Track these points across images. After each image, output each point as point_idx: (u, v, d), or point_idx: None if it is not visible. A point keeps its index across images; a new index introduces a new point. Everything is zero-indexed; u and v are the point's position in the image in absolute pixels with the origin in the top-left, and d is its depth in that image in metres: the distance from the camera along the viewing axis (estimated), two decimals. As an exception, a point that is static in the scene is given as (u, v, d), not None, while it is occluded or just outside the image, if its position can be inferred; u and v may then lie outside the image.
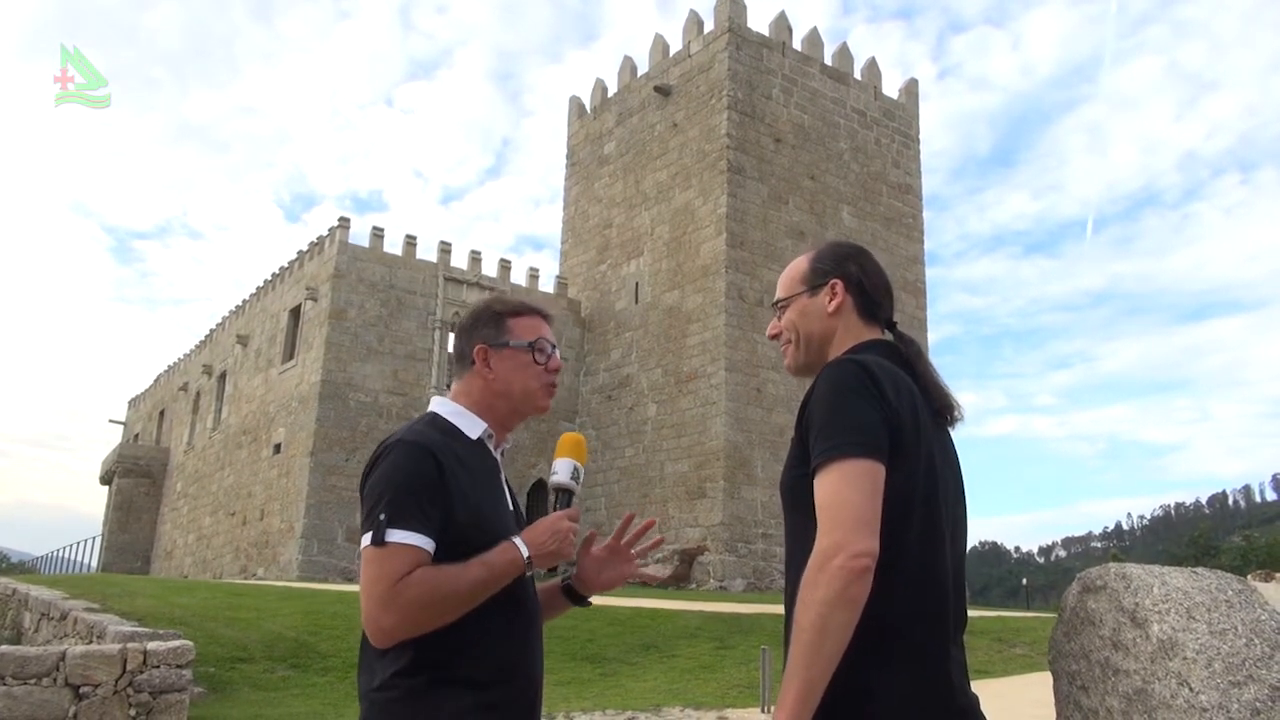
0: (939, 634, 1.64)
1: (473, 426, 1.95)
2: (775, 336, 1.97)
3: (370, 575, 1.71)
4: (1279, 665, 1.59)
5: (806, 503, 1.64)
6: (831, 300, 1.88)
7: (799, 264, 1.96)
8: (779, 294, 1.97)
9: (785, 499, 1.77)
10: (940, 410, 1.82)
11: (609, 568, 2.13)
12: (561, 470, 2.00)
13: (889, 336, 1.91)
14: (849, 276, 1.89)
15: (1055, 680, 1.96)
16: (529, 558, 1.84)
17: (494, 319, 2.01)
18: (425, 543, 1.74)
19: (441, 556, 1.76)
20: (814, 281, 1.91)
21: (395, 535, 1.71)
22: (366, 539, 1.74)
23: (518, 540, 1.85)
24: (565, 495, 1.99)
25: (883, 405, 1.64)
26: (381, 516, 1.72)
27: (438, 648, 1.75)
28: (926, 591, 1.64)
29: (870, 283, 1.91)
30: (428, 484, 1.77)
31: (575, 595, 2.13)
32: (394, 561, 1.70)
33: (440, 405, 1.99)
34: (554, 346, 2.05)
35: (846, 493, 1.56)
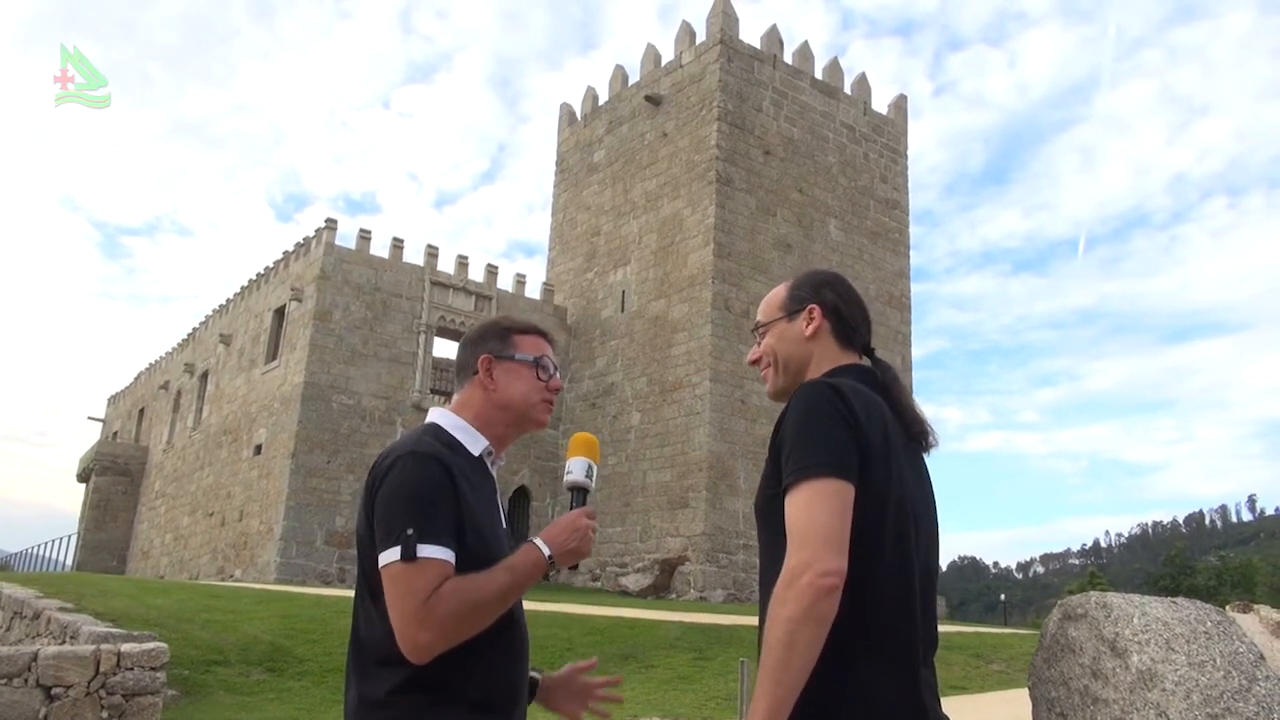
0: (908, 655, 1.65)
1: (475, 442, 1.94)
2: (755, 362, 2.02)
3: (402, 592, 1.69)
4: (1256, 698, 1.60)
5: (778, 522, 1.66)
6: (809, 325, 1.92)
7: (778, 291, 2.02)
8: (758, 319, 2.02)
9: (759, 518, 1.80)
10: (914, 435, 1.85)
11: (570, 695, 2.12)
12: (576, 469, 2.02)
13: (866, 362, 1.94)
14: (826, 303, 1.94)
15: (1034, 706, 1.97)
16: (550, 557, 1.84)
17: (501, 333, 2.04)
18: (451, 555, 1.73)
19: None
20: (792, 307, 1.96)
21: (425, 550, 1.70)
22: (394, 554, 1.70)
23: (538, 540, 1.86)
24: (581, 494, 2.01)
25: (853, 427, 1.67)
26: (409, 531, 1.70)
27: (437, 665, 1.73)
28: (896, 612, 1.66)
29: (847, 309, 1.95)
30: (445, 496, 1.77)
31: (530, 690, 2.06)
32: (425, 576, 1.69)
33: (442, 417, 1.97)
34: (556, 368, 2.09)
35: (815, 512, 1.58)
